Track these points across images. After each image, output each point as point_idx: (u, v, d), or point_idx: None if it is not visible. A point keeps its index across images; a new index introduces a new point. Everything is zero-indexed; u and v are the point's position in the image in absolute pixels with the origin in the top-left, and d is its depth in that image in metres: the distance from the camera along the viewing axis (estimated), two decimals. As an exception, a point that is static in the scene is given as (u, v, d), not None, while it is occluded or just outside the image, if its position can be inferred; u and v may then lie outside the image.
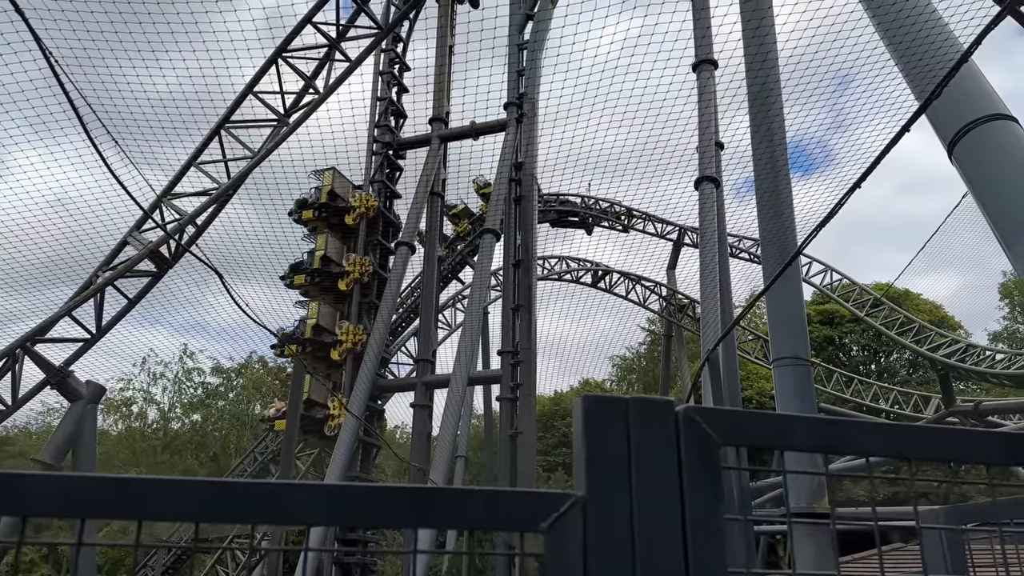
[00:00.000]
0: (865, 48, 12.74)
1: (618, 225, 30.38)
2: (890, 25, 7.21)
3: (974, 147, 5.94)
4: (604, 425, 1.17)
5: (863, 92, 17.76)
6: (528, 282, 17.90)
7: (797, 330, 11.03)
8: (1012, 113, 6.25)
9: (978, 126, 5.96)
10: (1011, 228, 5.54)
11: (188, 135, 15.46)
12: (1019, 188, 5.55)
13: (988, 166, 5.91)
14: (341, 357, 18.82)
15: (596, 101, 17.53)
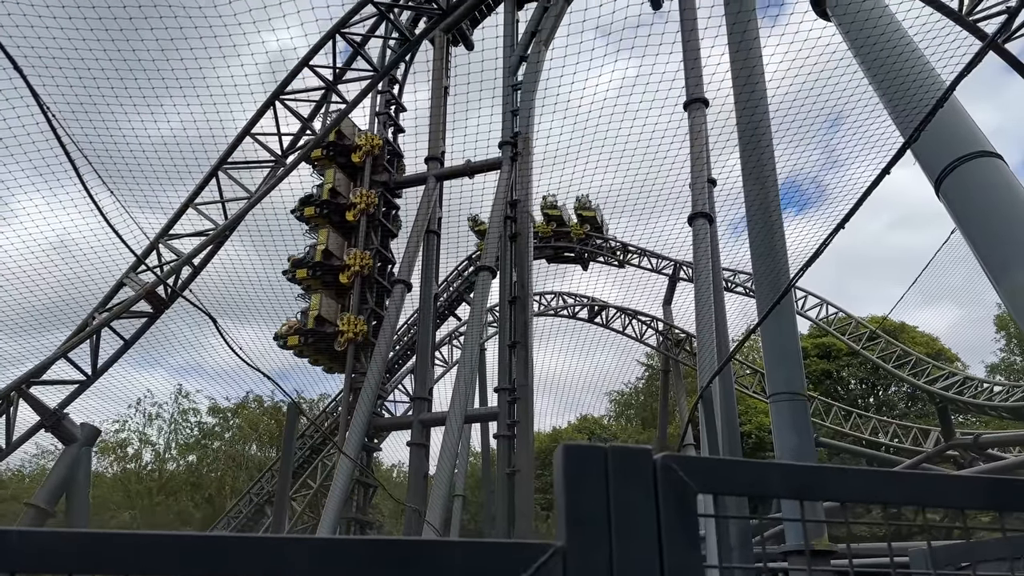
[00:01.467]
0: (859, 86, 12.99)
1: (614, 260, 30.54)
2: (873, 65, 7.37)
3: (960, 184, 6.03)
4: (584, 474, 1.20)
5: (855, 130, 18.05)
6: (524, 319, 17.92)
7: (793, 365, 11.03)
8: (996, 150, 6.35)
9: (963, 163, 6.06)
10: (999, 263, 5.60)
11: (189, 177, 15.62)
12: (1005, 224, 5.62)
13: (974, 203, 5.99)
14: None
15: (590, 139, 17.78)
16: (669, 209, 22.90)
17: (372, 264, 19.60)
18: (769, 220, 11.76)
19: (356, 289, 19.36)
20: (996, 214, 5.73)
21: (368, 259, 19.50)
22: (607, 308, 32.15)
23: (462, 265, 27.76)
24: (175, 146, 14.92)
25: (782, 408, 10.60)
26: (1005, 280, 5.52)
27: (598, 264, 30.80)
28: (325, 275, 19.84)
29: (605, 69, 15.74)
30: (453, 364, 27.52)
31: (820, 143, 19.39)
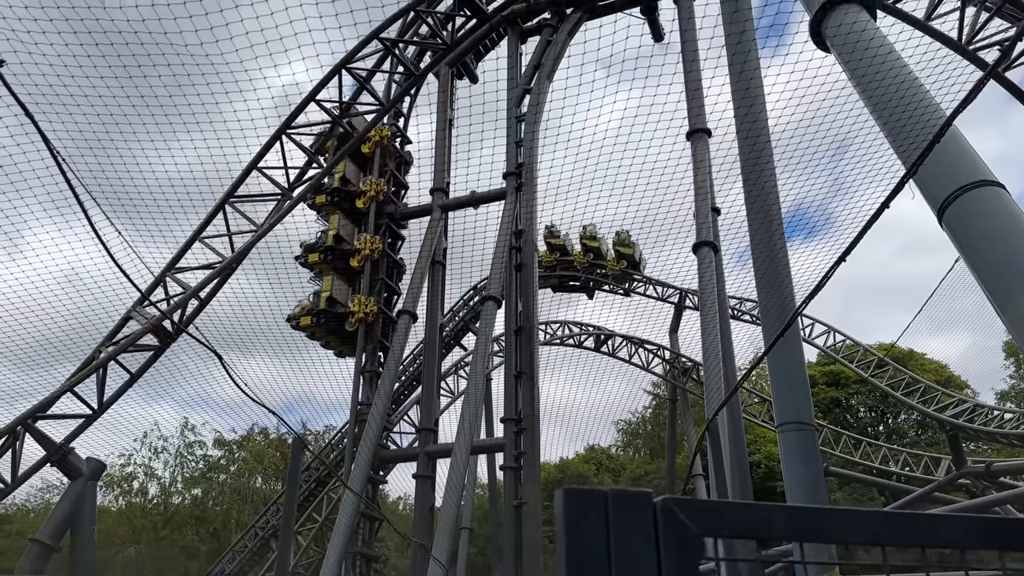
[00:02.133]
0: (862, 114, 13.08)
1: (619, 289, 30.52)
2: (874, 95, 7.43)
3: (962, 213, 6.05)
4: (584, 518, 1.20)
5: (860, 157, 18.14)
6: (530, 348, 17.89)
7: (800, 394, 10.99)
8: (998, 179, 6.38)
9: (965, 192, 6.08)
10: (1003, 292, 5.60)
11: (195, 210, 15.78)
12: (1008, 253, 5.63)
13: (977, 232, 6.00)
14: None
15: (593, 168, 17.90)
16: (673, 237, 22.92)
17: (377, 305, 19.66)
18: (773, 249, 11.80)
19: (367, 272, 19.59)
20: (999, 243, 5.74)
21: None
22: (613, 337, 32.09)
23: (468, 294, 27.81)
24: (185, 180, 15.15)
25: (790, 438, 10.54)
26: (1009, 308, 5.51)
27: (603, 292, 30.80)
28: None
29: (608, 100, 15.96)
30: (459, 394, 27.45)
31: (826, 170, 19.47)
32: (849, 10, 8.13)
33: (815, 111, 14.75)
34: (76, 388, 13.94)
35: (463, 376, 28.15)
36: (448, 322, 26.13)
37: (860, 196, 19.82)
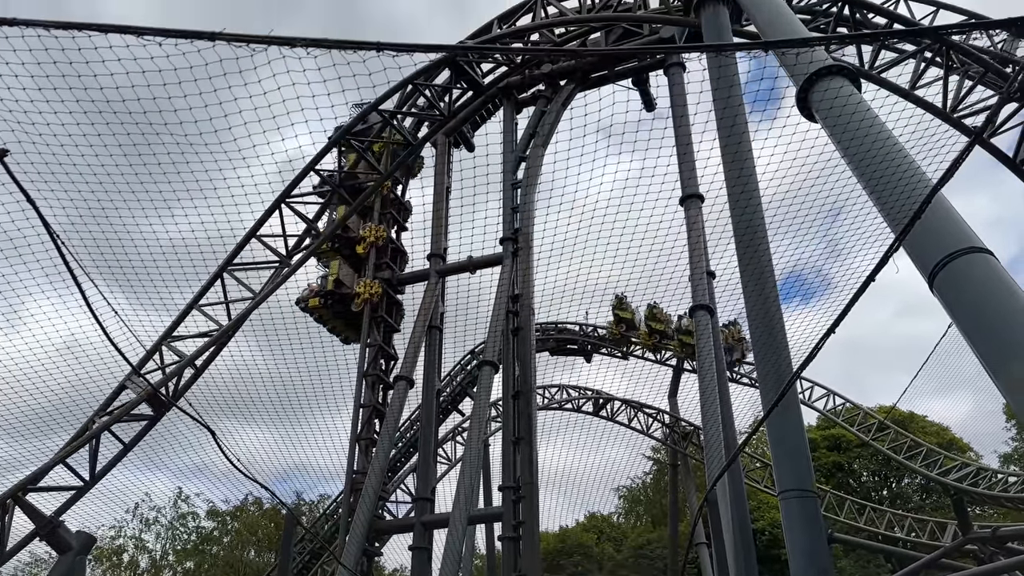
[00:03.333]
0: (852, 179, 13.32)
1: (617, 352, 30.44)
2: (860, 164, 7.59)
3: (952, 280, 6.12)
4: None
5: (855, 222, 18.41)
6: (528, 413, 17.72)
7: (800, 460, 10.87)
8: (986, 245, 6.47)
9: (954, 259, 6.16)
10: (996, 357, 5.62)
11: (197, 277, 15.84)
12: (998, 319, 5.67)
13: (967, 298, 6.06)
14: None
15: (586, 232, 18.13)
16: (668, 300, 23.03)
17: (376, 358, 19.60)
18: (768, 313, 11.83)
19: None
20: (989, 309, 5.79)
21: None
22: (612, 400, 31.87)
23: (465, 359, 27.70)
24: (189, 247, 15.20)
25: (792, 506, 10.38)
26: (1003, 374, 5.53)
27: (601, 356, 30.70)
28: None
29: (601, 166, 16.17)
30: (456, 462, 27.09)
31: (821, 234, 19.71)
32: (834, 81, 8.37)
33: (807, 176, 15.04)
34: (68, 459, 13.76)
35: (460, 442, 27.83)
36: (445, 387, 25.96)
37: (856, 259, 20.04)
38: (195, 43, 5.52)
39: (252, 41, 5.29)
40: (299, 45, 5.28)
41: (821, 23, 17.07)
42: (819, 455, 38.30)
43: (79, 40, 5.77)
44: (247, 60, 6.40)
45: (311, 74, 7.33)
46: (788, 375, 10.68)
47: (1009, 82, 12.36)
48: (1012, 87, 10.64)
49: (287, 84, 9.78)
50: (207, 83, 7.02)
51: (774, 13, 10.95)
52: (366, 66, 6.17)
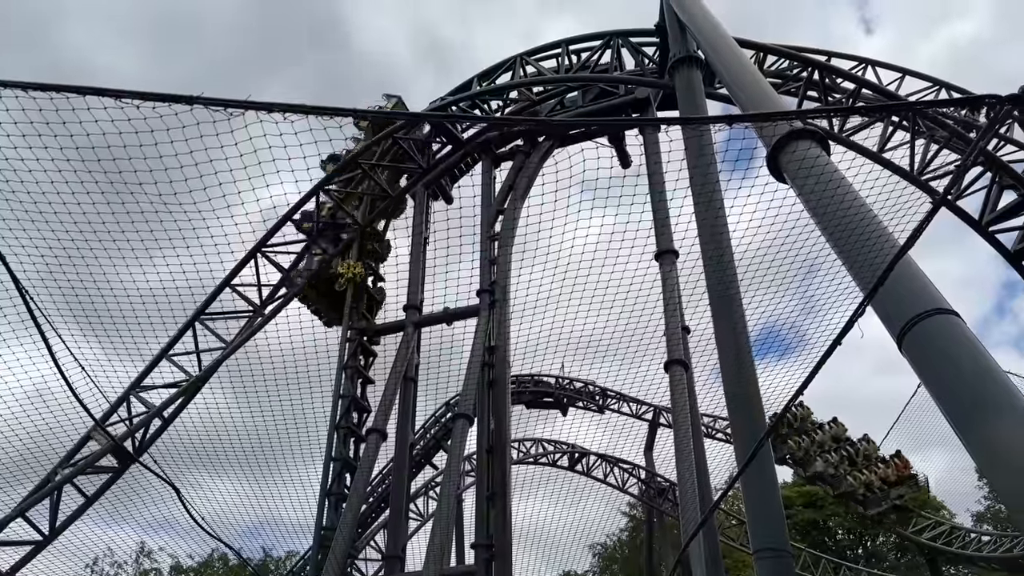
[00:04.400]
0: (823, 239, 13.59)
1: (593, 405, 30.34)
2: (829, 225, 7.75)
3: (919, 341, 6.21)
4: None
5: (828, 280, 18.70)
6: (503, 468, 17.49)
7: (775, 519, 10.82)
8: (952, 307, 6.58)
9: (921, 320, 6.26)
10: (963, 418, 5.68)
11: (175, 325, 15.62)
12: (965, 380, 5.75)
13: (935, 359, 6.15)
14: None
15: (559, 285, 18.23)
16: (642, 354, 23.07)
17: (348, 410, 19.34)
18: (742, 369, 11.91)
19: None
20: (956, 370, 5.87)
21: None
22: (588, 455, 31.63)
23: (440, 411, 27.43)
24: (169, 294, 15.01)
25: (767, 565, 10.29)
26: (970, 435, 5.58)
27: (577, 409, 30.57)
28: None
29: (575, 219, 16.36)
30: (429, 517, 26.59)
31: (796, 292, 19.98)
32: (802, 144, 8.60)
33: (778, 233, 15.31)
34: (28, 512, 13.32)
35: (433, 497, 27.37)
36: (419, 440, 25.64)
37: (831, 315, 20.30)
38: (173, 106, 5.57)
39: (230, 105, 5.35)
40: (276, 110, 5.35)
41: (792, 87, 17.60)
42: (795, 512, 38.12)
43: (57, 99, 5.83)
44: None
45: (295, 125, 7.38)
46: (762, 431, 10.70)
47: (971, 147, 12.77)
48: (974, 151, 11.00)
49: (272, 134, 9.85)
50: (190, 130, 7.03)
51: (745, 79, 11.28)
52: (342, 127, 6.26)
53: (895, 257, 5.51)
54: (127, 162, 8.55)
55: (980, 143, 9.87)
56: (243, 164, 8.64)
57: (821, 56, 18.09)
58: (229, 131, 6.24)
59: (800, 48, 18.32)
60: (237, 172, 9.36)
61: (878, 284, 5.12)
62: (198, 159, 7.90)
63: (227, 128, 6.11)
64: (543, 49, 20.56)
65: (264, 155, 8.35)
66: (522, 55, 20.11)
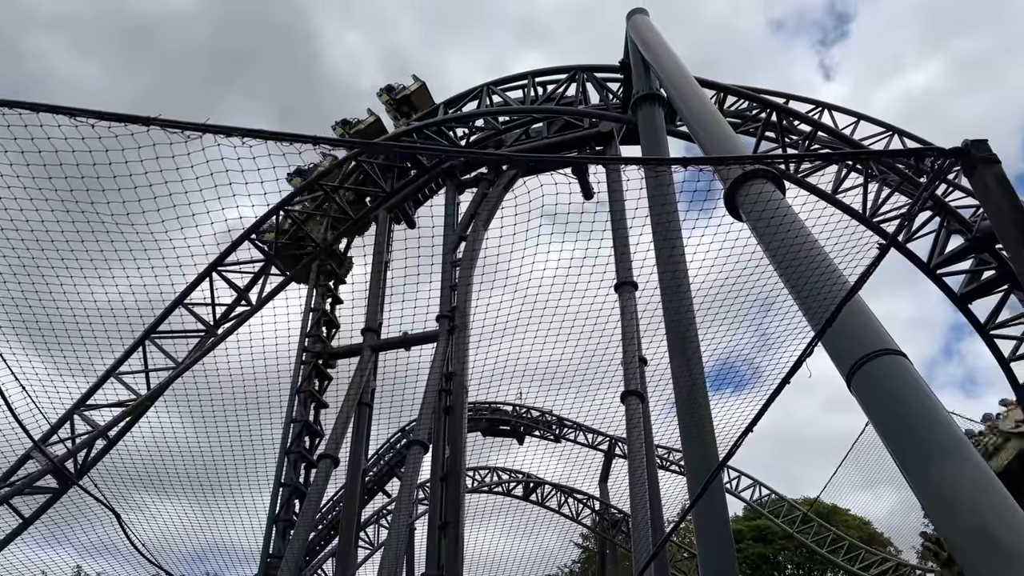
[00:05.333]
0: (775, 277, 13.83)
1: (549, 435, 30.30)
2: (782, 262, 7.91)
3: (868, 381, 6.34)
4: None
5: (784, 314, 18.98)
6: (456, 497, 17.32)
7: (725, 553, 10.85)
8: (900, 348, 6.74)
9: (870, 360, 6.40)
10: (909, 458, 5.79)
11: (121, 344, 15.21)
12: (911, 421, 5.88)
13: (882, 399, 6.28)
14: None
15: (517, 313, 18.21)
16: (600, 384, 23.13)
17: (300, 435, 19.00)
18: (696, 401, 12.00)
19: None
20: (901, 410, 6.00)
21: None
22: (543, 485, 31.48)
23: (395, 437, 27.11)
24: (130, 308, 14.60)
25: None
26: (915, 475, 5.69)
27: (534, 438, 30.49)
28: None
29: (536, 248, 16.43)
30: (379, 546, 26.14)
31: (752, 327, 20.25)
32: (759, 183, 8.80)
33: (735, 268, 15.56)
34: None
35: (384, 526, 26.93)
36: (372, 466, 25.29)
37: (784, 352, 20.60)
38: (129, 127, 5.47)
39: (187, 128, 5.29)
40: (235, 135, 5.31)
41: (751, 127, 18.04)
42: (745, 546, 38.35)
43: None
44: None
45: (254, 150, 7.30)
46: (715, 464, 10.77)
47: (918, 195, 13.21)
48: (920, 199, 11.38)
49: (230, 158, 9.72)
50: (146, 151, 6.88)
51: (705, 118, 11.53)
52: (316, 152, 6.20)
53: (844, 297, 5.64)
54: (79, 180, 8.35)
55: (925, 192, 10.18)
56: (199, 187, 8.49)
57: (780, 98, 18.60)
58: (186, 153, 6.15)
59: (760, 90, 18.82)
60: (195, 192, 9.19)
61: (827, 323, 5.24)
62: (153, 180, 7.76)
63: (184, 150, 6.02)
64: (510, 80, 20.78)
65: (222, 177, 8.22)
66: (489, 84, 20.30)
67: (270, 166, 7.09)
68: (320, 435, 19.15)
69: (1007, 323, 17.94)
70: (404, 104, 20.97)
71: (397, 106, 20.65)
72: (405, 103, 20.89)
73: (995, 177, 6.23)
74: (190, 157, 6.54)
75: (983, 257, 16.75)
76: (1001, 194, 6.19)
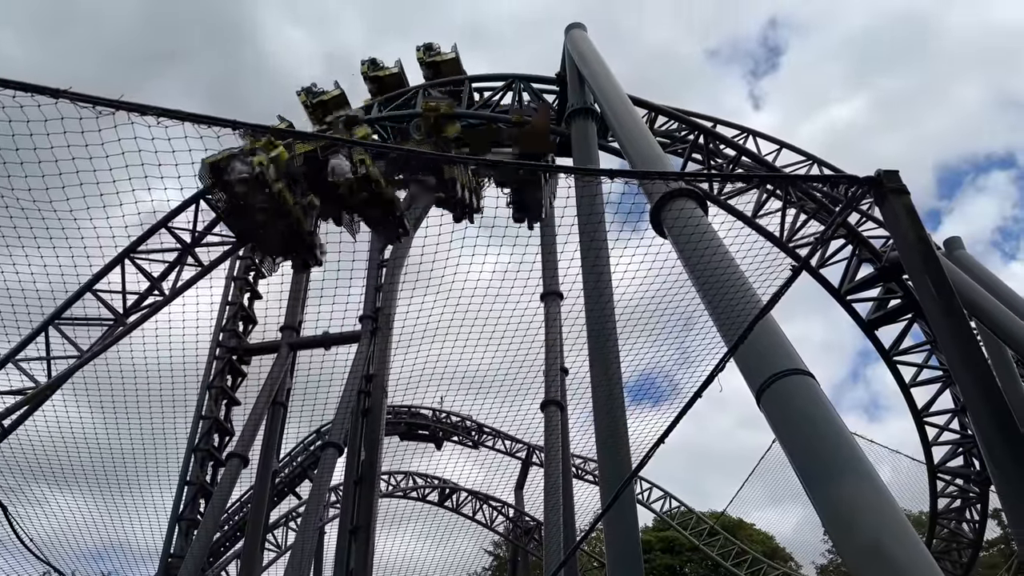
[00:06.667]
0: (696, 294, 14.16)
1: (468, 441, 30.22)
2: (700, 278, 8.12)
3: (776, 399, 6.53)
4: None
5: (704, 332, 19.49)
6: (369, 501, 17.10)
7: (633, 563, 10.99)
8: (809, 369, 6.97)
9: (778, 380, 6.59)
10: (812, 476, 5.98)
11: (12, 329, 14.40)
12: (814, 440, 6.08)
13: (788, 417, 6.47)
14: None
15: (445, 318, 18.12)
16: (521, 392, 23.21)
17: (209, 432, 18.36)
18: (613, 412, 12.16)
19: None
20: (807, 429, 6.20)
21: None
22: (458, 491, 31.35)
23: (310, 438, 26.54)
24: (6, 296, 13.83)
25: (623, 608, 10.44)
26: (817, 491, 5.87)
27: (452, 444, 30.34)
28: None
29: (463, 253, 16.38)
30: (286, 549, 25.50)
31: (673, 343, 20.69)
32: (682, 202, 9.02)
33: (660, 285, 15.88)
34: None
35: (294, 529, 26.29)
36: (284, 468, 24.68)
37: (702, 368, 21.13)
38: (36, 97, 5.14)
39: (99, 103, 5.01)
40: (150, 113, 5.07)
41: (679, 147, 18.47)
42: (654, 557, 39.04)
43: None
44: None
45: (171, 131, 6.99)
46: (627, 472, 10.93)
47: (831, 221, 13.77)
48: (833, 225, 11.87)
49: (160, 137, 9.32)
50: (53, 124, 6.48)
51: (636, 135, 11.75)
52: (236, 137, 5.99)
53: (756, 316, 5.81)
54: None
55: (839, 218, 10.63)
56: (109, 166, 8.10)
57: (708, 122, 19.11)
58: (96, 130, 5.83)
59: (690, 112, 19.29)
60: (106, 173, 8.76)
61: (739, 340, 5.38)
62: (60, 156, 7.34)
63: (95, 127, 5.70)
64: (447, 83, 20.67)
65: (134, 157, 7.85)
66: (426, 86, 20.15)
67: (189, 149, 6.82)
68: (230, 433, 18.57)
69: (909, 350, 18.86)
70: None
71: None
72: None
73: (904, 207, 6.52)
74: (101, 134, 6.22)
75: (890, 286, 17.56)
76: (908, 224, 6.48)
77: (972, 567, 22.13)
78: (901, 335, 18.57)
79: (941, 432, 19.92)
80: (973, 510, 21.34)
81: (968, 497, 21.00)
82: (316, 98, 19.42)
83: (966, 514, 21.59)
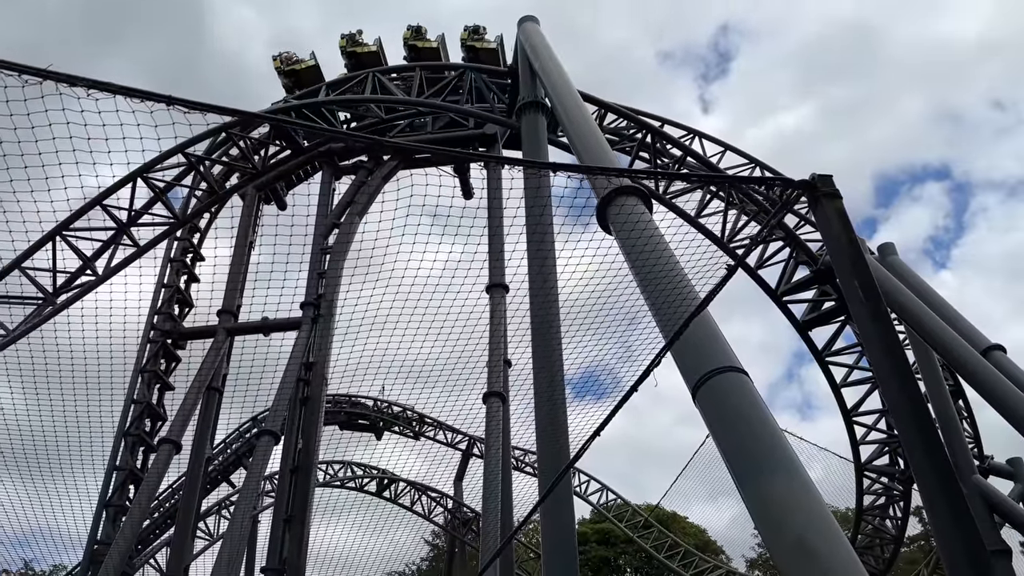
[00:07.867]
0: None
1: (408, 431, 30.10)
2: (640, 272, 8.23)
3: (710, 395, 6.65)
4: None
5: (645, 330, 19.74)
6: (305, 490, 16.86)
7: (568, 555, 11.10)
8: (744, 367, 7.12)
9: (714, 376, 6.71)
10: (742, 472, 6.11)
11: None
12: (746, 437, 6.21)
13: (720, 413, 6.60)
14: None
15: (393, 309, 17.97)
16: (464, 383, 23.20)
17: (140, 416, 17.85)
18: (554, 405, 12.26)
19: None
20: (739, 426, 6.33)
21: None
22: (397, 481, 31.22)
23: (246, 426, 26.07)
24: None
25: (552, 599, 10.54)
26: (747, 487, 6.00)
27: (393, 434, 30.17)
28: None
29: (415, 244, 16.25)
30: (218, 538, 25.02)
31: (617, 339, 20.89)
32: (628, 199, 9.11)
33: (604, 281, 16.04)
34: None
35: (227, 516, 25.81)
36: (218, 455, 24.20)
37: (645, 365, 21.39)
38: (-45, 64, 4.86)
39: (25, 72, 4.78)
40: (80, 85, 4.85)
41: (627, 145, 18.67)
42: (589, 548, 39.58)
43: None
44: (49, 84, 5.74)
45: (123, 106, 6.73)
46: (566, 464, 11.02)
47: (766, 222, 14.12)
48: (768, 225, 12.16)
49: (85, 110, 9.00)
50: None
51: (584, 131, 11.82)
52: (170, 114, 5.77)
53: (693, 312, 5.92)
54: None
55: (773, 220, 10.90)
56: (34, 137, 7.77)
57: (656, 122, 19.36)
58: (22, 100, 5.56)
59: (639, 111, 19.51)
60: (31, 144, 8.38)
61: (676, 335, 5.48)
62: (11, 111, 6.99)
63: (20, 96, 5.43)
64: (398, 69, 20.47)
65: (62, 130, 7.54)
66: (376, 72, 19.92)
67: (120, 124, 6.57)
68: (163, 419, 18.09)
69: (841, 351, 19.49)
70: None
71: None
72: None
73: (836, 211, 6.69)
74: (26, 104, 5.95)
75: (825, 288, 18.09)
76: (840, 228, 6.65)
77: (894, 562, 23.03)
78: (833, 337, 19.16)
79: (869, 431, 20.66)
80: (896, 507, 22.22)
81: (892, 495, 21.84)
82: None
83: (890, 511, 22.46)
